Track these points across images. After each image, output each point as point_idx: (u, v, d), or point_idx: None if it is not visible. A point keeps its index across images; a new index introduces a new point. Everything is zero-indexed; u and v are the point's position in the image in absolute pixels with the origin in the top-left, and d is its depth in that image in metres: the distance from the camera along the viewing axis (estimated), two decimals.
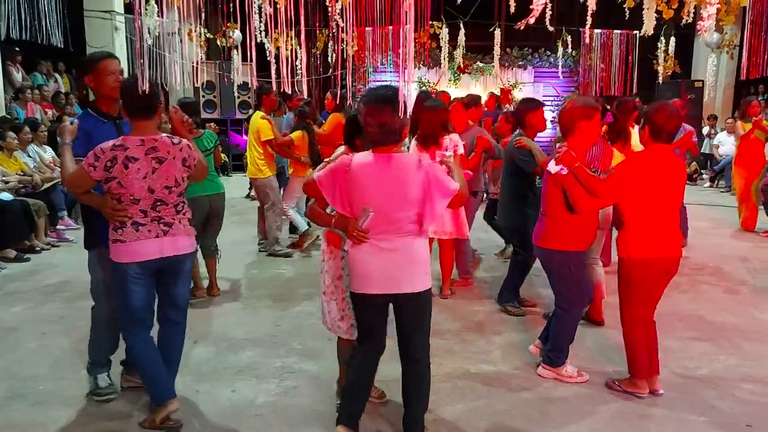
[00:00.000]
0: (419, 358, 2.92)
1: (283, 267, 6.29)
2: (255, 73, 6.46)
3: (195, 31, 10.93)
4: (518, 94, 15.51)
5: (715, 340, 4.45)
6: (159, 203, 3.10)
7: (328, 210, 3.00)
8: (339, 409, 3.12)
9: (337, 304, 3.18)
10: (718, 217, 9.10)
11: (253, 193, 9.00)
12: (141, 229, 3.06)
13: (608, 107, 4.30)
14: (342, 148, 3.23)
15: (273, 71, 4.41)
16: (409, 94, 3.30)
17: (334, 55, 7.48)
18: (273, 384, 3.72)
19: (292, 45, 6.91)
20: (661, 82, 13.22)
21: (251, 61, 4.80)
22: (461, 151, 4.88)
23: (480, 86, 15.13)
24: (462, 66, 14.31)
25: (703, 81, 13.60)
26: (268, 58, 7.38)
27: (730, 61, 13.81)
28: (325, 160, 3.08)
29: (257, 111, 6.67)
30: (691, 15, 8.05)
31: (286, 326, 4.66)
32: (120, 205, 3.03)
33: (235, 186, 11.26)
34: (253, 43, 4.43)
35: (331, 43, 11.04)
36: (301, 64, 6.59)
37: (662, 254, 3.44)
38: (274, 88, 6.35)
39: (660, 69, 12.96)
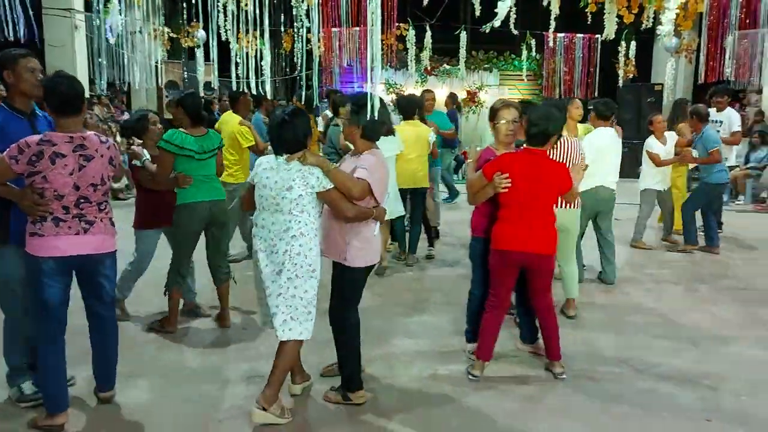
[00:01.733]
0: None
1: (249, 272, 6.20)
2: (217, 73, 6.39)
3: (158, 29, 10.78)
4: (484, 96, 15.69)
5: (676, 337, 4.56)
6: (83, 201, 3.10)
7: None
8: (349, 379, 3.43)
9: (312, 301, 3.22)
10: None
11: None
12: (61, 225, 3.06)
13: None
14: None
15: (237, 71, 4.38)
16: (377, 95, 3.33)
17: (300, 55, 7.47)
18: (240, 387, 3.68)
19: (256, 45, 6.85)
20: (621, 85, 13.51)
21: (213, 61, 4.75)
22: None
23: (446, 88, 15.24)
24: (429, 68, 14.41)
25: (662, 85, 13.91)
26: (236, 59, 7.35)
27: (689, 65, 14.16)
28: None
29: (231, 114, 6.47)
30: (651, 20, 8.27)
31: (251, 329, 4.62)
32: (42, 200, 3.02)
33: None
34: (215, 43, 4.39)
35: (297, 43, 11.00)
36: (262, 63, 6.53)
37: (513, 248, 3.62)
38: (235, 88, 6.27)
39: (621, 73, 13.25)
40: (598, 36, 12.53)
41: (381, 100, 3.34)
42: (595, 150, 5.47)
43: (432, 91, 7.50)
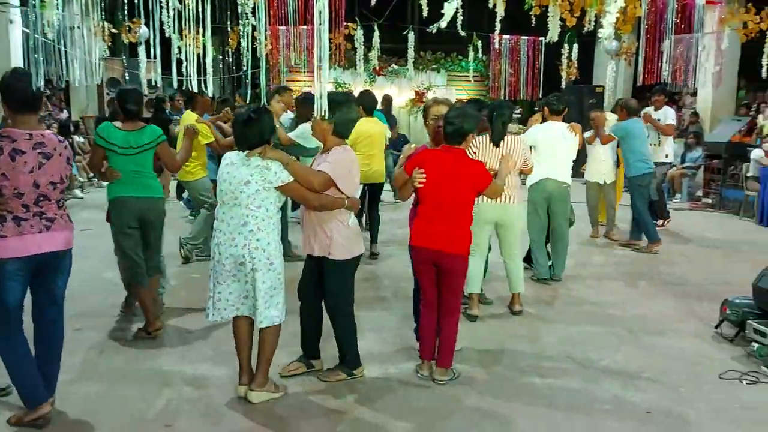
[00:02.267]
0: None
1: (194, 273, 6.08)
2: (160, 70, 6.22)
3: (98, 25, 10.42)
4: (431, 97, 15.80)
5: (618, 331, 4.69)
6: (42, 198, 3.08)
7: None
8: (353, 359, 3.71)
9: (281, 292, 3.40)
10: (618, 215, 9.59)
11: (186, 194, 8.61)
12: (23, 224, 3.02)
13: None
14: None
15: (180, 69, 4.27)
16: (325, 94, 3.33)
17: (246, 53, 7.32)
18: (185, 391, 3.59)
19: (199, 43, 6.70)
20: (564, 86, 13.82)
21: (155, 58, 4.62)
22: None
23: (395, 88, 15.31)
24: (377, 68, 14.42)
25: (603, 86, 14.32)
26: (178, 56, 7.15)
27: (628, 67, 14.61)
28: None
29: (189, 113, 6.38)
30: (592, 23, 8.48)
31: (197, 332, 4.51)
32: (1, 198, 2.97)
33: None
34: (158, 40, 4.28)
35: (243, 41, 10.82)
36: (204, 61, 6.36)
37: (423, 244, 3.68)
38: (176, 86, 6.14)
39: (564, 74, 13.55)
40: (542, 38, 12.79)
41: (352, 96, 3.51)
42: (540, 142, 5.68)
43: (371, 91, 7.61)
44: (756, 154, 9.57)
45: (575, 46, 13.20)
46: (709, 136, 11.31)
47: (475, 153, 4.53)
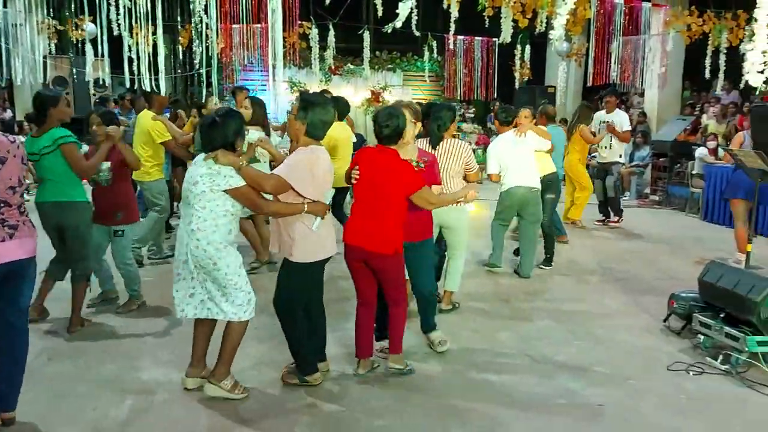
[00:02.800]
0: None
1: (147, 276, 5.94)
2: (108, 69, 6.07)
3: (43, 22, 10.10)
4: (388, 97, 15.85)
5: (571, 327, 4.80)
6: (3, 205, 2.95)
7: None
8: (307, 365, 3.62)
9: (243, 289, 3.42)
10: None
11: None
12: None
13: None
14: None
15: (130, 68, 4.17)
16: (279, 93, 3.30)
17: (199, 52, 7.22)
18: (140, 398, 3.51)
19: (150, 41, 6.55)
20: (518, 87, 14.06)
21: (103, 56, 4.51)
22: None
23: (351, 88, 15.30)
24: (333, 67, 14.40)
25: (555, 87, 14.60)
26: (129, 54, 6.98)
27: (579, 68, 14.94)
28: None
29: (146, 112, 6.22)
30: (544, 25, 8.66)
31: (152, 336, 4.42)
32: None
33: None
34: (105, 37, 4.17)
35: (195, 39, 10.66)
36: (156, 59, 6.23)
37: (351, 242, 3.69)
38: (127, 85, 6.01)
39: (517, 75, 13.78)
40: (495, 39, 12.98)
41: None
42: (500, 155, 5.89)
43: (329, 92, 7.66)
44: (700, 152, 9.90)
45: (528, 47, 13.45)
46: (655, 135, 11.66)
47: None
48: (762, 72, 3.59)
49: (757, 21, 3.54)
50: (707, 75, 10.46)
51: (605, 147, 8.50)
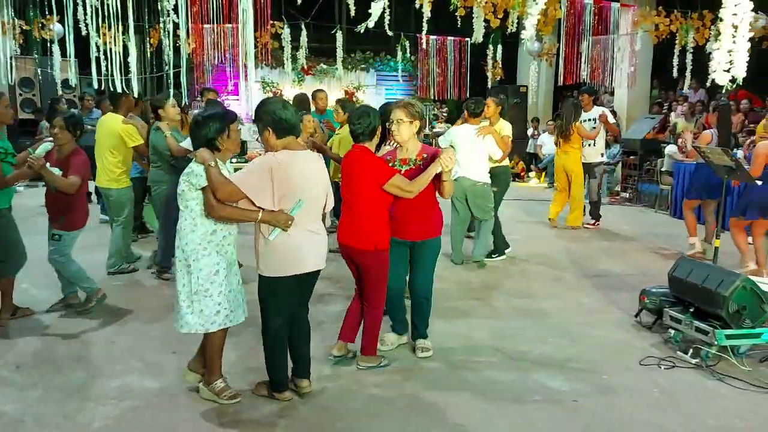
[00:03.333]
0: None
1: (117, 281, 5.84)
2: (75, 69, 5.92)
3: (8, 22, 9.87)
4: (362, 96, 15.84)
5: (545, 324, 4.84)
6: None
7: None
8: (275, 383, 3.47)
9: (213, 299, 3.32)
10: (544, 210, 9.90)
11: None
12: None
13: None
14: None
15: (99, 68, 4.09)
16: (252, 93, 3.25)
17: (169, 52, 7.09)
18: (110, 406, 3.44)
19: (119, 41, 6.43)
20: (490, 86, 14.14)
21: (70, 56, 4.42)
22: None
23: (324, 88, 15.21)
24: (305, 67, 14.32)
25: (526, 86, 14.73)
26: (97, 54, 6.83)
27: (549, 68, 15.10)
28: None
29: (112, 115, 6.04)
30: (515, 25, 8.72)
31: (122, 342, 4.34)
32: None
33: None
34: (72, 38, 4.08)
35: (165, 39, 10.52)
36: (126, 60, 6.10)
37: (339, 239, 3.83)
38: (96, 86, 5.88)
39: (489, 75, 13.86)
40: (467, 39, 13.04)
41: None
42: (456, 143, 6.14)
43: (324, 91, 7.67)
44: (670, 149, 10.08)
45: (499, 47, 13.52)
46: (625, 133, 11.83)
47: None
48: (728, 71, 3.65)
49: (723, 20, 3.60)
50: (675, 74, 10.64)
51: (589, 145, 8.44)
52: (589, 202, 8.70)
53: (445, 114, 16.01)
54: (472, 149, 6.18)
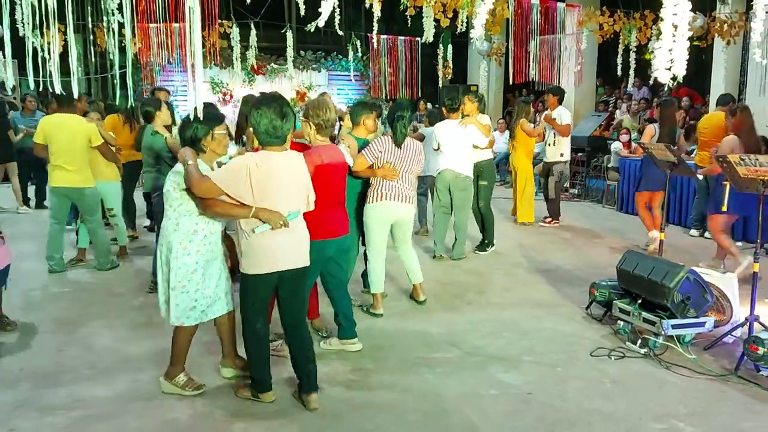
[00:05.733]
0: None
1: (66, 287, 5.67)
2: (13, 70, 5.70)
3: None
4: (313, 96, 15.73)
5: (499, 318, 4.91)
6: None
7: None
8: (257, 382, 3.46)
9: (189, 294, 3.40)
10: (498, 206, 10.04)
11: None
12: None
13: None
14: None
15: (38, 69, 3.95)
16: (199, 94, 3.22)
17: (113, 52, 6.89)
18: (60, 417, 3.33)
19: (60, 40, 6.22)
20: (441, 86, 14.27)
21: (7, 57, 4.25)
22: None
23: (276, 88, 15.08)
24: (255, 67, 14.14)
25: (477, 86, 14.92)
26: (42, 54, 6.58)
27: (499, 67, 15.32)
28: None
29: (66, 116, 5.92)
30: (465, 24, 8.81)
31: (72, 350, 4.21)
32: None
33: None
34: (9, 37, 3.94)
35: (108, 39, 10.22)
36: (68, 60, 5.88)
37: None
38: (32, 87, 5.67)
39: (440, 74, 13.97)
40: (418, 39, 13.11)
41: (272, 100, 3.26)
42: (440, 138, 6.45)
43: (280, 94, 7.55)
44: (615, 146, 10.41)
45: (450, 47, 13.64)
46: (573, 131, 12.09)
47: (381, 152, 4.74)
48: (669, 69, 3.77)
49: (663, 20, 3.72)
50: (619, 72, 10.94)
51: (549, 144, 8.53)
52: (545, 200, 8.79)
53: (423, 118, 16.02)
54: (456, 143, 6.41)
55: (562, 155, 8.51)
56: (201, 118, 3.34)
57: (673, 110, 7.23)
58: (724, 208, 5.67)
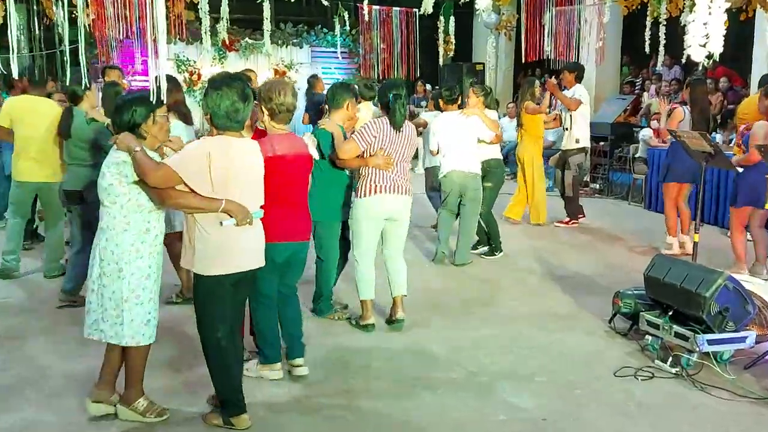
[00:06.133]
0: None
1: (8, 297, 5.63)
2: None
3: None
4: (295, 76, 15.69)
5: (508, 332, 4.92)
6: None
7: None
8: (227, 405, 3.44)
9: (144, 306, 3.36)
10: (507, 203, 10.05)
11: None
12: None
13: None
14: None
15: None
16: (163, 72, 3.22)
17: (63, 24, 6.86)
18: None
19: (1, 10, 6.18)
20: (442, 64, 14.23)
21: None
22: None
23: (251, 65, 15.01)
24: (227, 42, 14.09)
25: (483, 64, 14.85)
26: None
27: (509, 42, 15.28)
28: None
29: (29, 98, 5.95)
30: None
31: (16, 370, 4.19)
32: None
33: None
34: None
35: (59, 9, 10.15)
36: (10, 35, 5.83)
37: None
38: None
39: (441, 51, 13.92)
40: (416, 9, 13.08)
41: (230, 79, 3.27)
42: (440, 134, 6.45)
43: (253, 71, 7.52)
44: (644, 134, 10.32)
45: (452, 19, 13.59)
46: (593, 116, 12.11)
47: (375, 137, 4.71)
48: (704, 45, 3.78)
49: None
50: (647, 49, 10.93)
51: (565, 129, 8.50)
52: (561, 197, 8.77)
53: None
54: (459, 136, 6.39)
55: (577, 141, 8.38)
56: (164, 98, 3.34)
57: (704, 89, 7.19)
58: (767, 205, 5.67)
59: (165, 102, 3.67)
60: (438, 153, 6.54)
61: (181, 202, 3.27)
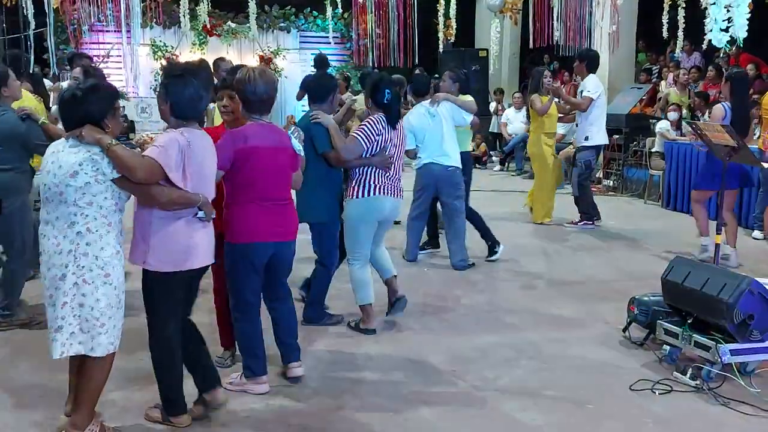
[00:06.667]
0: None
1: None
2: None
3: None
4: (282, 63, 15.67)
5: (515, 343, 4.91)
6: None
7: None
8: (169, 403, 3.56)
9: (121, 310, 3.38)
10: (512, 202, 10.06)
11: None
12: None
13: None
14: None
15: None
16: (136, 59, 3.22)
17: (28, 6, 6.81)
18: None
19: None
20: (442, 50, 14.21)
21: None
22: None
23: (234, 52, 14.98)
24: (209, 26, 14.07)
25: (487, 50, 14.81)
26: None
27: (515, 27, 15.27)
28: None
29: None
30: None
31: None
32: None
33: None
34: None
35: None
36: None
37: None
38: None
39: (440, 35, 13.90)
40: None
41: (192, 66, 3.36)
42: (415, 128, 6.34)
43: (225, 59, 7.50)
44: (661, 126, 10.27)
45: (453, 2, 13.57)
46: (607, 107, 12.10)
47: (380, 136, 4.80)
48: (726, 30, 3.78)
49: None
50: (665, 34, 10.94)
51: (577, 125, 8.57)
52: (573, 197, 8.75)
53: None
54: (433, 128, 6.41)
55: (587, 138, 8.35)
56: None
57: (746, 85, 7.05)
58: None
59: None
60: (413, 151, 6.46)
61: (174, 199, 3.34)
